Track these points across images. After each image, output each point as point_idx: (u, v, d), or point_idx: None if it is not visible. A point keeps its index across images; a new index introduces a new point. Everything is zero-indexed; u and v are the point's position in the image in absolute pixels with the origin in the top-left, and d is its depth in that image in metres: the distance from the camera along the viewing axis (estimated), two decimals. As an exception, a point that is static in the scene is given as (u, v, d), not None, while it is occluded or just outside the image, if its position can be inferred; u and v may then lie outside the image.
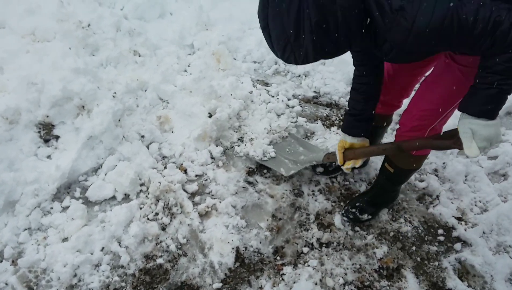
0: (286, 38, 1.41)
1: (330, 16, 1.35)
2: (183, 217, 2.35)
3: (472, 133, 1.46)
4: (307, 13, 1.34)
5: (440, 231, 2.41)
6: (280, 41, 1.44)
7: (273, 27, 1.42)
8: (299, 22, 1.36)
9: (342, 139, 2.11)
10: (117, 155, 2.58)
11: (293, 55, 1.46)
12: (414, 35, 1.33)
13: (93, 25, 3.17)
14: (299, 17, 1.35)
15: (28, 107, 2.56)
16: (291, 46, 1.43)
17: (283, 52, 1.48)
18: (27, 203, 2.27)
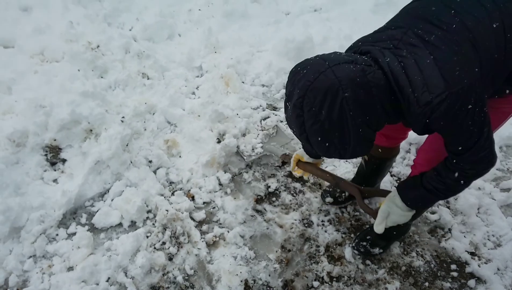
0: (329, 140, 1.41)
1: (372, 111, 1.39)
2: (190, 247, 2.29)
3: (388, 214, 1.77)
4: (351, 115, 1.34)
5: (453, 266, 2.35)
6: (322, 143, 1.42)
7: (313, 133, 1.41)
8: (343, 124, 1.36)
9: (300, 154, 2.25)
10: (124, 180, 2.54)
11: (337, 153, 1.47)
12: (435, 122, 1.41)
13: (102, 46, 3.16)
14: (342, 120, 1.35)
15: (35, 130, 2.53)
16: (335, 147, 1.43)
17: (327, 152, 1.47)
18: (32, 229, 2.22)
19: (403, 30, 1.45)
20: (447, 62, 1.33)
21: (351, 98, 1.32)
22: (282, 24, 4.00)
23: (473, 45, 1.36)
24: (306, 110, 1.36)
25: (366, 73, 1.36)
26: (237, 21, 3.97)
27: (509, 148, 3.08)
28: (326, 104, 1.33)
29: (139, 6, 3.86)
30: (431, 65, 1.34)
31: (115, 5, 3.72)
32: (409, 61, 1.37)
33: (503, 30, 1.38)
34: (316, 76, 1.35)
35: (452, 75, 1.32)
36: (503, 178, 2.86)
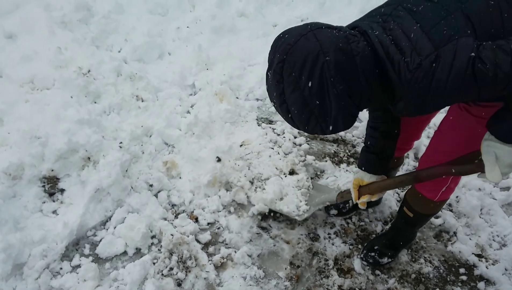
0: (309, 111, 1.34)
1: (354, 81, 1.32)
2: (198, 271, 2.26)
3: (496, 157, 1.41)
4: (331, 81, 1.28)
5: (462, 270, 2.36)
6: (302, 114, 1.36)
7: (293, 102, 1.34)
8: (324, 92, 1.29)
9: (359, 177, 2.03)
10: (126, 207, 2.49)
11: (319, 126, 1.38)
12: (434, 91, 1.28)
13: (93, 70, 3.13)
14: (322, 87, 1.28)
15: (31, 161, 2.47)
16: (316, 118, 1.36)
17: (307, 125, 1.39)
18: (35, 265, 2.16)
19: (393, 6, 1.41)
20: (433, 26, 1.28)
21: (332, 62, 1.26)
22: (270, 37, 4.01)
23: (466, 15, 1.30)
24: (286, 75, 1.31)
25: (349, 41, 1.31)
26: (226, 36, 3.97)
27: None
28: (307, 69, 1.27)
29: (126, 26, 3.82)
30: (417, 30, 1.29)
31: (102, 27, 3.68)
32: (396, 32, 1.33)
33: (500, 9, 1.31)
34: (297, 39, 1.30)
35: (439, 35, 1.27)
36: (501, 177, 2.88)
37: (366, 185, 2.00)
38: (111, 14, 3.82)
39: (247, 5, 4.28)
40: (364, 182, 2.00)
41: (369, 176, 1.98)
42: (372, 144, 1.95)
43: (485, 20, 1.30)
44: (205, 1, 4.32)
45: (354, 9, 4.27)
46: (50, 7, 3.72)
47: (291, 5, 4.47)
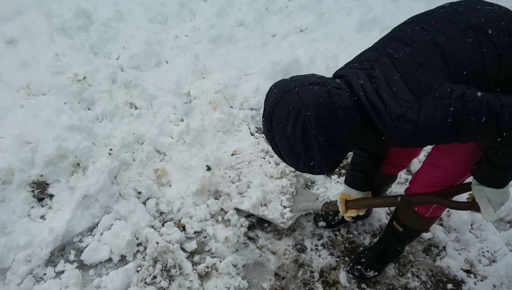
0: (296, 155, 1.47)
1: (335, 131, 1.44)
2: (182, 280, 2.25)
3: (488, 199, 1.57)
4: (313, 133, 1.41)
5: (450, 285, 2.33)
6: (291, 158, 1.50)
7: (282, 147, 1.49)
8: (306, 141, 1.43)
9: (346, 192, 2.09)
10: (113, 213, 2.50)
11: (307, 168, 1.52)
12: (418, 138, 1.40)
13: (88, 77, 3.16)
14: (305, 137, 1.42)
15: (21, 166, 2.50)
16: (303, 161, 1.49)
17: (297, 166, 1.54)
18: (19, 270, 2.17)
19: (379, 51, 1.52)
20: (412, 76, 1.38)
21: (313, 116, 1.39)
22: (268, 47, 4.03)
23: (442, 58, 1.40)
24: (275, 125, 1.46)
25: (331, 94, 1.43)
26: (224, 45, 3.99)
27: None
28: (290, 121, 1.41)
29: (125, 34, 3.87)
30: (398, 81, 1.39)
31: (101, 35, 3.73)
32: (380, 80, 1.43)
33: (479, 44, 1.40)
34: (282, 95, 1.44)
35: (419, 86, 1.37)
36: (494, 192, 2.84)
37: (353, 201, 2.05)
38: (111, 22, 3.87)
39: (247, 15, 4.31)
40: (351, 197, 2.06)
41: (356, 193, 2.07)
42: (359, 164, 2.01)
43: (463, 60, 1.39)
44: (205, 11, 4.36)
45: (353, 20, 4.28)
46: (51, 14, 3.78)
47: (290, 16, 4.50)
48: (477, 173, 1.60)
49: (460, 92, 1.33)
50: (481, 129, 1.35)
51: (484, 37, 1.42)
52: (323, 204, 2.32)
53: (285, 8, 4.57)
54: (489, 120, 1.32)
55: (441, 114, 1.33)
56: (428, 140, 1.43)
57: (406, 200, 1.88)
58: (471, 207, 1.70)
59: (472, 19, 1.46)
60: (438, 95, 1.34)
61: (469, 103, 1.32)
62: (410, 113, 1.36)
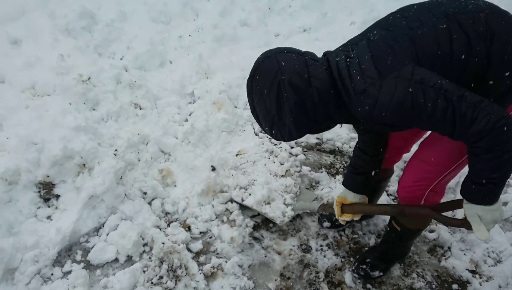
0: (271, 119, 1.56)
1: (307, 98, 1.52)
2: (188, 280, 2.26)
3: (479, 218, 1.55)
4: (286, 96, 1.49)
5: (455, 286, 2.33)
6: (266, 121, 1.59)
7: (259, 110, 1.59)
8: (280, 104, 1.51)
9: (342, 195, 2.13)
10: (119, 214, 2.51)
11: (279, 134, 1.60)
12: (377, 114, 1.47)
13: (93, 78, 3.16)
14: (279, 100, 1.51)
15: (27, 167, 2.51)
16: (277, 126, 1.57)
17: (271, 131, 1.61)
18: (26, 270, 2.18)
19: (361, 36, 1.62)
20: (381, 55, 1.48)
21: (287, 80, 1.48)
22: (272, 46, 3.94)
23: (412, 41, 1.46)
24: (254, 87, 1.57)
25: (308, 64, 1.52)
26: (227, 45, 4.00)
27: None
28: (267, 84, 1.51)
29: (129, 35, 3.86)
30: (368, 60, 1.49)
31: (105, 35, 3.72)
32: (354, 60, 1.53)
33: (448, 30, 1.46)
34: (262, 60, 1.56)
35: (384, 65, 1.46)
36: (499, 192, 2.85)
37: (349, 205, 2.09)
38: (114, 22, 3.86)
39: (250, 15, 4.31)
40: (347, 201, 2.11)
41: (353, 195, 2.09)
42: (360, 166, 2.05)
43: (430, 44, 1.47)
44: (208, 10, 4.36)
45: (356, 19, 4.28)
46: (55, 14, 3.78)
47: (293, 15, 4.50)
48: (463, 191, 1.60)
49: (421, 76, 1.40)
50: (436, 117, 1.39)
51: (456, 25, 1.47)
52: (320, 205, 2.34)
53: (288, 8, 4.57)
54: (444, 110, 1.37)
55: (399, 93, 1.40)
56: (387, 119, 1.47)
57: (401, 210, 1.91)
58: (463, 225, 1.68)
59: (449, 9, 1.51)
60: (400, 75, 1.41)
61: (427, 89, 1.38)
62: (371, 88, 1.45)
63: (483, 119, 1.35)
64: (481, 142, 1.38)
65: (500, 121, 1.35)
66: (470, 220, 1.58)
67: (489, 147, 1.38)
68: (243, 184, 2.70)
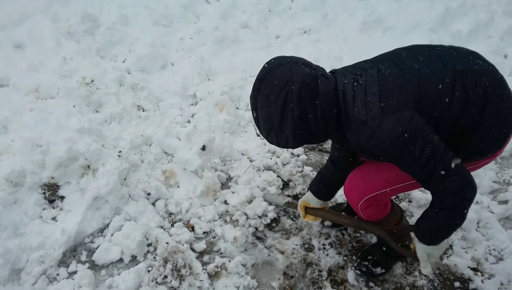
0: (271, 124, 1.59)
1: (311, 112, 1.56)
2: (192, 279, 2.28)
3: (428, 255, 1.78)
4: (291, 106, 1.53)
5: (457, 283, 2.35)
6: (266, 125, 1.62)
7: (261, 113, 1.60)
8: (284, 113, 1.54)
9: (305, 199, 2.29)
10: (123, 214, 2.54)
11: (276, 140, 1.65)
12: (370, 146, 1.58)
13: (96, 80, 3.19)
14: (284, 109, 1.54)
15: (32, 169, 2.53)
16: (275, 132, 1.61)
17: (268, 135, 1.66)
18: (32, 270, 2.21)
19: (372, 64, 1.68)
20: (388, 93, 1.55)
21: (296, 91, 1.51)
22: (273, 48, 4.06)
23: (419, 84, 1.57)
24: (262, 90, 1.57)
25: (318, 80, 1.57)
26: (229, 47, 4.03)
27: (504, 160, 3.10)
28: (276, 91, 1.53)
29: (131, 37, 3.90)
30: (375, 93, 1.56)
31: (107, 38, 3.76)
32: (361, 87, 1.59)
33: (453, 86, 1.57)
34: (276, 66, 1.58)
35: (389, 103, 1.53)
36: (500, 190, 2.87)
37: (313, 209, 2.27)
38: (116, 25, 3.91)
39: (251, 17, 4.35)
40: (310, 205, 2.27)
41: (316, 201, 2.25)
42: (327, 177, 2.20)
43: (433, 94, 1.57)
44: (209, 13, 4.40)
45: (357, 21, 4.31)
46: (58, 18, 3.82)
47: (294, 17, 4.53)
48: (416, 233, 1.79)
49: (418, 125, 1.51)
50: (419, 163, 1.53)
51: (460, 82, 1.58)
52: (286, 202, 2.50)
53: (289, 9, 4.61)
54: (428, 160, 1.51)
55: (396, 134, 1.50)
56: (378, 152, 1.59)
57: (357, 224, 2.11)
58: (412, 256, 1.88)
59: (457, 65, 1.61)
60: (400, 118, 1.51)
61: (420, 138, 1.50)
62: (371, 122, 1.53)
63: (457, 180, 1.53)
64: (448, 200, 1.57)
65: (470, 188, 1.57)
66: (419, 255, 1.80)
67: (451, 207, 1.59)
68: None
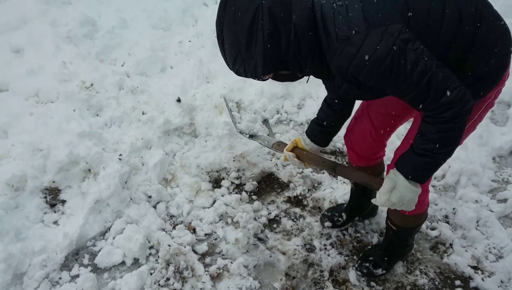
0: (237, 48, 1.41)
1: (283, 31, 1.39)
2: (195, 281, 2.29)
3: (394, 186, 1.60)
4: (261, 24, 1.36)
5: (457, 282, 2.36)
6: (232, 50, 1.43)
7: (227, 35, 1.43)
8: (252, 32, 1.37)
9: (300, 138, 2.12)
10: (125, 218, 2.54)
11: (243, 67, 1.45)
12: (354, 66, 1.39)
13: (95, 84, 3.20)
14: (252, 27, 1.37)
15: (34, 173, 2.54)
16: (242, 57, 1.42)
17: (234, 63, 1.47)
18: (35, 275, 2.22)
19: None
20: (372, 7, 1.39)
21: (267, 6, 1.34)
22: (271, 50, 4.07)
23: (406, 2, 1.42)
24: (228, 8, 1.40)
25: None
26: (227, 49, 4.04)
27: (502, 159, 3.12)
28: (244, 5, 1.36)
29: (130, 41, 3.91)
30: (357, 9, 1.39)
31: (106, 42, 3.77)
32: (341, 6, 1.41)
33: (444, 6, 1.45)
34: None
35: (374, 17, 1.37)
36: (499, 189, 2.89)
37: (300, 149, 2.10)
38: (115, 29, 3.91)
39: (249, 20, 4.36)
40: (302, 146, 2.11)
41: (309, 142, 2.09)
42: (322, 118, 2.03)
43: (423, 11, 1.42)
44: (207, 16, 4.40)
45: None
46: (56, 22, 3.83)
47: (292, 19, 4.54)
48: (398, 160, 1.63)
49: (408, 37, 1.36)
50: (412, 80, 1.38)
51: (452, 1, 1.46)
52: (274, 143, 2.42)
53: (287, 12, 4.62)
54: (422, 74, 1.37)
55: (383, 48, 1.34)
56: (362, 74, 1.41)
57: (333, 166, 1.96)
58: (374, 183, 1.74)
59: None
60: (388, 31, 1.35)
61: (411, 50, 1.35)
62: (356, 37, 1.36)
63: (455, 91, 1.39)
64: (447, 113, 1.42)
65: (467, 96, 1.42)
66: (385, 182, 1.62)
67: (451, 118, 1.43)
68: None
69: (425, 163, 1.53)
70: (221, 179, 2.89)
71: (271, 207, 2.74)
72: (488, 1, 1.58)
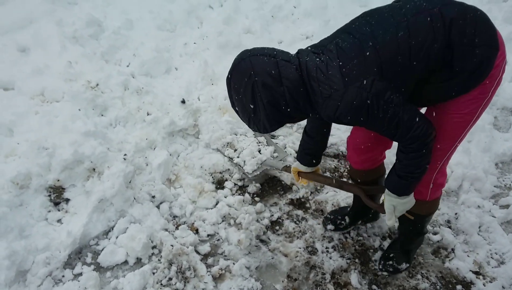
0: (248, 114, 1.72)
1: (279, 96, 1.66)
2: (197, 281, 2.30)
3: (394, 207, 1.90)
4: (259, 96, 1.64)
5: (459, 286, 2.37)
6: (244, 115, 1.75)
7: (238, 105, 1.74)
8: (255, 102, 1.66)
9: (296, 167, 2.35)
10: (128, 217, 2.56)
11: (255, 127, 1.78)
12: (338, 116, 1.67)
13: (101, 84, 3.22)
14: (254, 99, 1.65)
15: (38, 171, 2.56)
16: (253, 120, 1.74)
17: (248, 124, 1.79)
18: (38, 272, 2.23)
19: (330, 40, 1.75)
20: (348, 64, 1.61)
21: (260, 82, 1.62)
22: (275, 53, 4.09)
23: (376, 50, 1.60)
24: (232, 86, 1.70)
25: (279, 65, 1.66)
26: (232, 52, 4.05)
27: (505, 165, 3.13)
28: (243, 84, 1.65)
29: (135, 42, 3.94)
30: (336, 67, 1.62)
31: (111, 42, 3.80)
32: (322, 63, 1.66)
33: (408, 37, 1.59)
34: (238, 62, 1.70)
35: (350, 75, 1.60)
36: (501, 195, 2.90)
37: (304, 173, 2.34)
38: (121, 30, 3.94)
39: (253, 22, 4.38)
40: (301, 170, 2.34)
41: (304, 168, 2.32)
42: (307, 147, 2.25)
43: (393, 50, 1.60)
44: (212, 18, 4.43)
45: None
46: (62, 22, 3.85)
47: (296, 23, 4.57)
48: (387, 183, 1.89)
49: (378, 90, 1.58)
50: (383, 124, 1.63)
51: (414, 28, 1.60)
52: (283, 167, 2.59)
53: (291, 15, 4.64)
54: (391, 119, 1.61)
55: (359, 102, 1.59)
56: (346, 120, 1.69)
57: (339, 184, 2.24)
58: (379, 208, 2.03)
59: (408, 13, 1.63)
60: (362, 86, 1.58)
61: (381, 102, 1.58)
62: (336, 94, 1.62)
63: (419, 128, 1.64)
64: (414, 144, 1.68)
65: (430, 129, 1.67)
66: (386, 207, 1.93)
67: (418, 148, 1.69)
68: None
69: (408, 182, 1.81)
70: (224, 180, 2.91)
71: (273, 209, 2.75)
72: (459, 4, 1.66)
